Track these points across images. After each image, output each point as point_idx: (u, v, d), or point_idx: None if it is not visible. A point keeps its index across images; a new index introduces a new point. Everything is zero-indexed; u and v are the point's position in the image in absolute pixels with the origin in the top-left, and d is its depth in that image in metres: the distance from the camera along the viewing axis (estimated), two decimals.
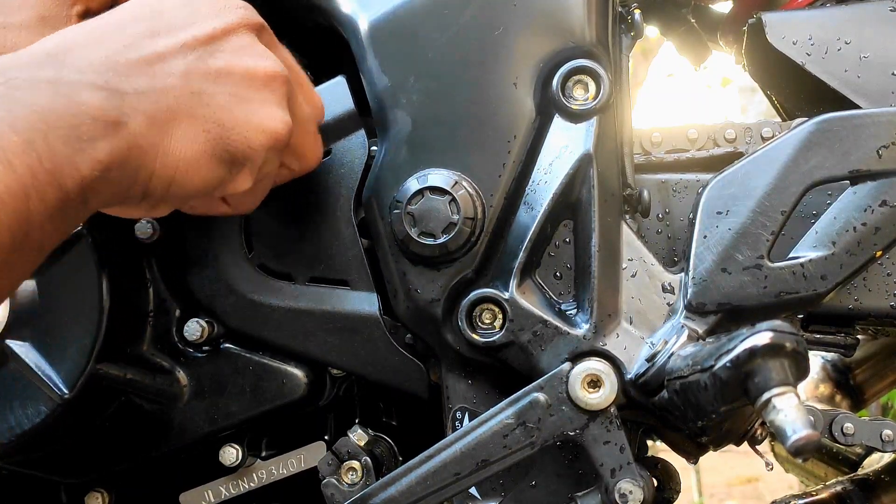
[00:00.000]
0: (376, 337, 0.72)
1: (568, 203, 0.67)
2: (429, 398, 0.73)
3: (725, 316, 0.66)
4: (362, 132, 0.73)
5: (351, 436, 0.74)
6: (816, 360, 1.22)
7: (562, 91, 0.67)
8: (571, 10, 0.68)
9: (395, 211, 0.67)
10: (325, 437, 0.80)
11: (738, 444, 0.71)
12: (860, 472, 1.04)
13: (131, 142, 0.50)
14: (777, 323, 0.49)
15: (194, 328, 0.74)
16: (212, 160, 0.55)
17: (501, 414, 0.64)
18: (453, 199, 0.66)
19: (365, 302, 0.72)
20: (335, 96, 0.74)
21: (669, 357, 0.61)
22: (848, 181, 0.66)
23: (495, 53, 0.68)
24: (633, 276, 0.68)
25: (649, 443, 0.80)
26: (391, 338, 0.72)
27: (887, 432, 0.77)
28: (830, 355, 1.21)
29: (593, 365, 0.64)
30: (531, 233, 0.67)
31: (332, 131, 0.73)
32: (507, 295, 0.66)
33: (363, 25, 0.70)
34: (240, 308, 0.74)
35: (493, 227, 0.67)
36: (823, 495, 0.96)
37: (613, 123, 0.69)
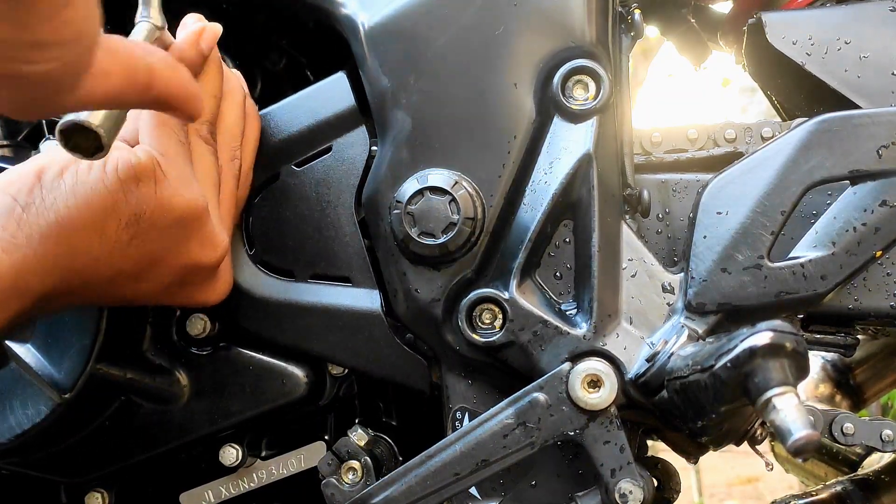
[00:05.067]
0: (379, 334, 0.72)
1: (568, 203, 0.67)
2: (431, 395, 0.73)
3: (725, 316, 0.66)
4: (363, 129, 0.73)
5: (351, 436, 0.74)
6: (816, 360, 1.22)
7: (562, 91, 0.67)
8: (571, 11, 0.68)
9: (395, 211, 0.67)
10: (325, 437, 0.80)
11: (738, 444, 0.71)
12: (860, 472, 1.04)
13: None
14: (777, 323, 0.49)
15: (197, 323, 0.74)
16: None
17: (501, 414, 0.64)
18: (453, 199, 0.66)
19: (367, 299, 0.72)
20: (335, 93, 0.74)
21: (669, 357, 0.61)
22: (848, 181, 0.66)
23: (495, 53, 0.68)
24: (633, 276, 0.68)
25: (649, 443, 0.80)
26: (394, 334, 0.72)
27: (887, 432, 0.77)
28: (830, 355, 1.21)
29: (593, 365, 0.64)
30: (531, 233, 0.67)
31: (333, 128, 0.73)
32: (507, 295, 0.66)
33: (363, 26, 0.70)
34: (241, 305, 0.74)
35: (493, 227, 0.67)
36: (823, 495, 0.96)
37: (613, 123, 0.69)
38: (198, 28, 0.67)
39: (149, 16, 0.61)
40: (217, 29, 0.68)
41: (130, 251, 0.60)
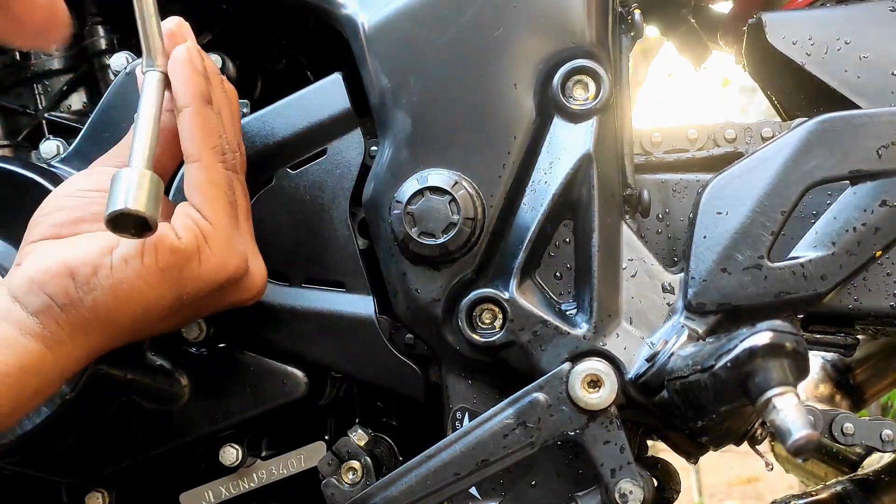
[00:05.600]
0: (371, 340, 0.72)
1: (568, 203, 0.67)
2: (425, 400, 0.73)
3: (725, 316, 0.66)
4: (358, 131, 0.73)
5: (351, 436, 0.74)
6: (816, 360, 1.22)
7: (562, 91, 0.67)
8: (571, 11, 0.68)
9: (395, 211, 0.67)
10: (325, 437, 0.80)
11: (738, 444, 0.71)
12: (860, 472, 1.04)
13: None
14: (777, 323, 0.49)
15: (192, 328, 0.74)
16: None
17: (501, 414, 0.64)
18: (453, 199, 0.66)
19: (360, 304, 0.72)
20: (331, 94, 0.73)
21: (669, 357, 0.61)
22: (848, 181, 0.66)
23: (495, 54, 0.68)
24: (633, 276, 0.68)
25: (649, 443, 0.80)
26: (386, 341, 0.72)
27: (887, 432, 0.77)
28: (830, 355, 1.21)
29: (593, 365, 0.64)
30: (531, 233, 0.67)
31: (328, 130, 0.73)
32: (507, 295, 0.66)
33: (364, 26, 0.70)
34: (235, 309, 0.73)
35: (493, 227, 0.67)
36: (823, 495, 0.96)
37: (613, 123, 0.69)
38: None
39: (155, 65, 0.61)
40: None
41: (173, 319, 0.64)
